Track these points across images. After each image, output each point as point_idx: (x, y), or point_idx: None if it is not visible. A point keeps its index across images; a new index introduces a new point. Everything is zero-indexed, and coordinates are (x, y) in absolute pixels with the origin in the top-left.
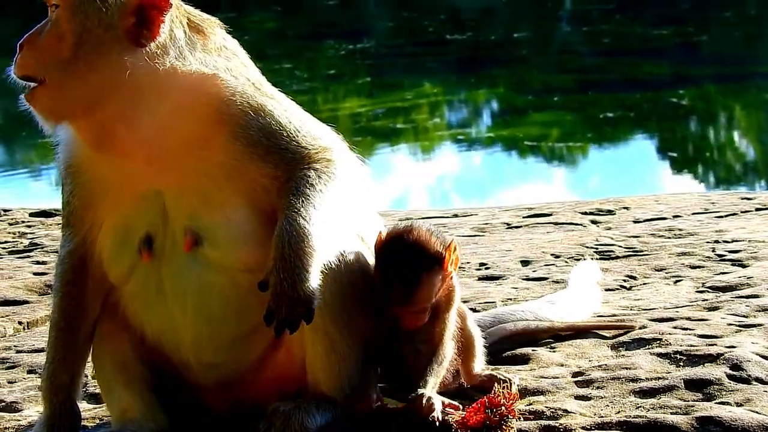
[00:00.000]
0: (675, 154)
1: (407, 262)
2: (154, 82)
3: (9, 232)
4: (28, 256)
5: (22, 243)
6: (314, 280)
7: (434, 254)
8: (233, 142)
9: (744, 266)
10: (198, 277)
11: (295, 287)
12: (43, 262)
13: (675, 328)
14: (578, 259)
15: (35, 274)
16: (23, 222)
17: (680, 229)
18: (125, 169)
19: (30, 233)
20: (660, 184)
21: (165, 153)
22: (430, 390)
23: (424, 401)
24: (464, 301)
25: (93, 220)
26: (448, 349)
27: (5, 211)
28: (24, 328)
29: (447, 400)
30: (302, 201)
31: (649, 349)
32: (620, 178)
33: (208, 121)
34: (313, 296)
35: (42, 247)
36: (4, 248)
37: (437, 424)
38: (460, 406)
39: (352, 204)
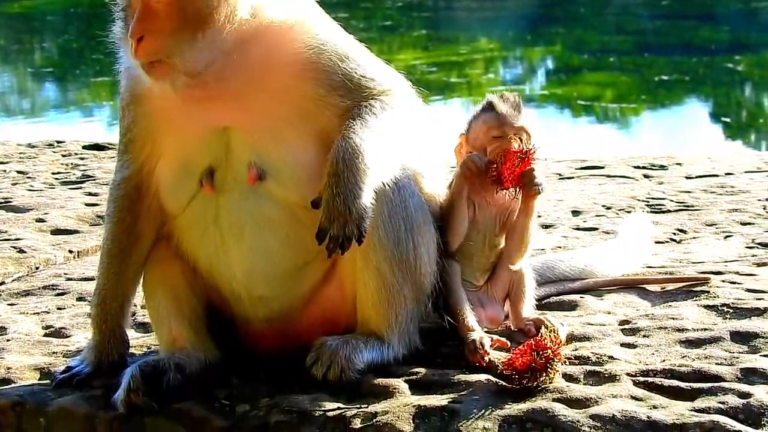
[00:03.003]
0: (728, 120)
1: (511, 96)
2: (251, 33)
3: (62, 164)
4: (80, 188)
5: (74, 174)
6: (367, 198)
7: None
8: (317, 88)
9: None
10: (258, 211)
11: (347, 203)
12: (95, 194)
13: (723, 281)
14: (629, 212)
15: (87, 205)
16: (76, 154)
17: (732, 186)
18: (197, 107)
19: (83, 165)
20: (712, 149)
21: (246, 97)
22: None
23: (476, 346)
24: None
25: (152, 150)
26: (532, 236)
27: (58, 142)
28: (74, 257)
29: (495, 337)
30: (360, 123)
31: (696, 300)
32: (672, 141)
33: (295, 69)
34: (365, 214)
35: (94, 179)
36: (56, 179)
37: (483, 364)
38: (508, 343)
39: (414, 139)
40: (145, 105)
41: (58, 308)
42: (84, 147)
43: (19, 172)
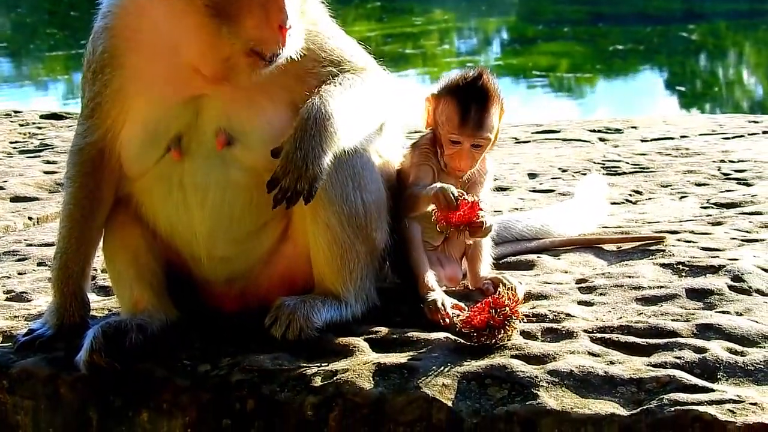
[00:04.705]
0: (683, 89)
1: (484, 93)
2: None
3: (20, 133)
4: (39, 156)
5: (32, 143)
6: (326, 161)
7: (497, 94)
8: (305, 62)
9: (748, 185)
10: (224, 176)
11: (306, 160)
12: (54, 162)
13: (679, 240)
14: (585, 174)
15: (46, 173)
16: (33, 123)
17: (687, 149)
18: (178, 74)
19: (40, 134)
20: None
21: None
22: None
23: (436, 305)
24: None
25: (119, 114)
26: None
27: (16, 112)
28: (34, 224)
29: (454, 301)
30: (337, 90)
31: (652, 259)
32: (628, 111)
33: None
34: (319, 176)
35: (52, 148)
36: (14, 148)
37: (443, 323)
38: (466, 308)
39: (382, 112)
40: (123, 68)
41: (19, 273)
42: (41, 116)
43: None
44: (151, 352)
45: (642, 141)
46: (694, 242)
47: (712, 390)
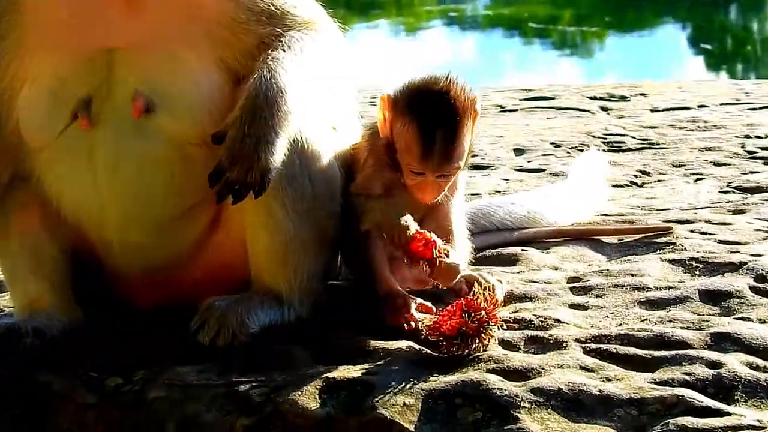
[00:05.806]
0: (709, 46)
1: (451, 114)
2: None
3: None
4: None
5: None
6: (280, 147)
7: (469, 109)
8: (237, 11)
9: None
10: (142, 148)
11: (257, 147)
12: None
13: (692, 231)
14: (582, 150)
15: None
16: None
17: (705, 121)
18: (89, 16)
19: None
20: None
21: (145, 13)
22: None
23: (397, 306)
24: None
25: (18, 70)
26: (461, 228)
27: None
28: None
29: (420, 301)
30: (288, 56)
31: (660, 254)
32: (642, 73)
33: None
34: (273, 165)
35: None
36: None
37: (406, 328)
38: (434, 309)
39: (335, 78)
40: (25, 13)
41: None
42: None
43: None
44: (50, 360)
45: (652, 111)
46: (710, 234)
47: (728, 413)
